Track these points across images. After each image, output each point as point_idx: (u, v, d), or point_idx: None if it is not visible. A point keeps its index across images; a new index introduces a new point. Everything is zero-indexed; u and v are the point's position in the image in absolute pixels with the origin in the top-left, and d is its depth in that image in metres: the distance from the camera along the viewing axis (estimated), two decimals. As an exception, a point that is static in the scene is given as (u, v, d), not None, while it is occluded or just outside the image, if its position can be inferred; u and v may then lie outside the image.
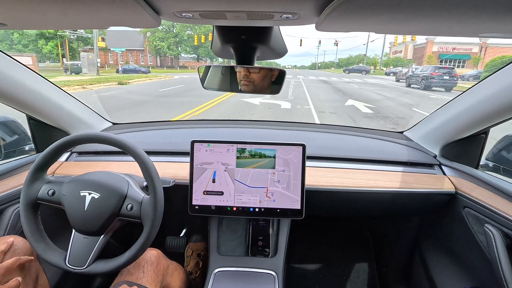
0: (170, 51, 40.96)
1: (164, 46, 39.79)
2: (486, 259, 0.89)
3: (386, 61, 44.08)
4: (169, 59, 46.38)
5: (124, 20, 0.53)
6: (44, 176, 0.81)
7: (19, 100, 0.96)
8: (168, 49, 40.54)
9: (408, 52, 40.94)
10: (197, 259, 1.35)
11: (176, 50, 41.59)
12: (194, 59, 49.65)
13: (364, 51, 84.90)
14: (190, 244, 1.42)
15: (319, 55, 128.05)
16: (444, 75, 13.31)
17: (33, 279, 0.82)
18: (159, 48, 40.05)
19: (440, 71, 13.57)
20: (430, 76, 13.44)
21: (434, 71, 13.55)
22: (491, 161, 1.14)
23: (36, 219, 0.79)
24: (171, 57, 44.31)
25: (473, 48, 32.68)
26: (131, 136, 1.32)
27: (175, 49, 41.50)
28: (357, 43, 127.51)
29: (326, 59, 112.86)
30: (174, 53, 41.48)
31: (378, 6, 0.40)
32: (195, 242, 1.43)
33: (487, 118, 0.91)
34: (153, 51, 41.48)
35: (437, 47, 34.22)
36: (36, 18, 0.51)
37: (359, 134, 1.36)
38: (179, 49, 43.04)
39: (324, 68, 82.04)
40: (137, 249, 0.76)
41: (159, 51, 40.88)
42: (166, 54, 41.92)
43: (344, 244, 1.65)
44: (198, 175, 0.98)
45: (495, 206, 0.87)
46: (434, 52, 34.47)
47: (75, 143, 0.80)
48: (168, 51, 40.95)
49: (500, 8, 0.38)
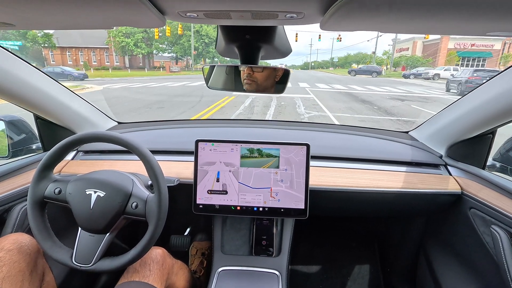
0: (137, 49, 33.76)
1: (130, 43, 32.75)
2: (493, 261, 0.87)
3: (396, 60, 38.14)
4: (139, 59, 38.70)
5: (129, 20, 0.53)
6: (50, 175, 0.83)
7: (27, 100, 0.98)
8: (135, 47, 33.44)
9: (417, 49, 36.72)
10: (202, 258, 1.36)
11: (145, 48, 34.47)
12: (172, 59, 41.53)
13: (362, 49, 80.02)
14: (195, 243, 1.43)
15: (311, 54, 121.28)
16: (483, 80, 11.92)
17: (39, 276, 0.83)
18: (124, 45, 33.03)
19: (479, 74, 12.03)
20: (468, 81, 11.78)
21: (472, 75, 12.00)
22: (499, 162, 1.13)
23: (43, 217, 0.80)
24: (139, 56, 36.80)
25: (495, 45, 28.59)
26: (136, 135, 1.33)
27: (144, 47, 34.25)
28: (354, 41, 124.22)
29: (319, 58, 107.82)
30: (143, 51, 34.50)
31: (384, 5, 0.39)
32: (200, 241, 1.44)
33: (494, 118, 0.89)
34: (119, 49, 34.14)
35: (454, 43, 30.42)
36: (42, 19, 0.52)
37: (364, 134, 1.35)
38: (151, 47, 36.08)
39: (318, 68, 76.63)
40: (142, 247, 0.76)
41: (124, 49, 33.86)
42: (133, 53, 34.81)
43: (348, 244, 1.64)
44: (202, 174, 0.99)
45: (502, 207, 0.86)
46: (450, 49, 30.60)
47: (81, 142, 0.81)
48: (136, 49, 33.67)
49: (508, 7, 0.38)
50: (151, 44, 36.12)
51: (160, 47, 38.47)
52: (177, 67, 32.50)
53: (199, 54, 38.48)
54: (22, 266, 0.76)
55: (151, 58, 40.47)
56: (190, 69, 36.30)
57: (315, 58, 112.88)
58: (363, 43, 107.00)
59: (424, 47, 36.17)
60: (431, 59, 32.53)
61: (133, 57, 38.11)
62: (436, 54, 32.07)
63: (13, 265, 0.74)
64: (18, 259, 0.76)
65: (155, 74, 28.06)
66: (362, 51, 76.39)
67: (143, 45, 34.16)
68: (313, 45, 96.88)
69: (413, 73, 24.59)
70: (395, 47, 41.08)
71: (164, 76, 24.88)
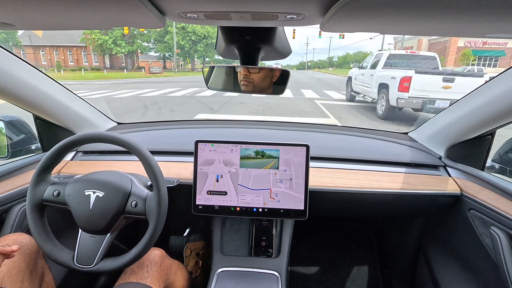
0: (117, 48, 29.47)
1: (108, 41, 28.80)
2: (492, 262, 0.87)
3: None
4: (122, 59, 34.21)
5: (129, 21, 0.53)
6: (48, 178, 0.82)
7: (26, 100, 0.98)
8: (114, 45, 29.35)
9: (422, 48, 33.27)
10: (197, 259, 1.35)
11: (126, 47, 30.03)
12: (159, 58, 36.98)
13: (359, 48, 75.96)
14: (188, 244, 1.42)
15: (307, 53, 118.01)
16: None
17: (39, 276, 0.83)
18: (101, 43, 29.23)
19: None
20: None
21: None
22: (498, 163, 1.13)
23: (43, 220, 0.80)
24: (120, 55, 32.30)
25: (508, 43, 25.15)
26: (135, 136, 1.33)
27: (125, 45, 29.75)
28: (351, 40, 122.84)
29: (315, 58, 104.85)
30: (124, 50, 30.00)
31: (384, 6, 0.39)
32: (193, 242, 1.43)
33: (494, 119, 0.90)
34: (97, 48, 30.17)
35: (464, 41, 26.82)
36: (42, 19, 0.52)
37: (363, 135, 1.35)
38: (133, 45, 31.55)
39: (315, 68, 73.06)
40: (144, 246, 0.76)
41: (102, 47, 29.86)
42: (112, 52, 30.44)
43: (348, 245, 1.64)
44: (202, 175, 0.99)
45: (501, 209, 0.86)
46: (460, 47, 27.42)
47: (79, 143, 0.81)
48: (115, 48, 29.41)
49: (508, 8, 0.38)
50: (133, 42, 31.88)
51: (144, 46, 34.93)
52: (158, 67, 27.05)
53: (185, 53, 34.91)
54: (22, 266, 0.76)
55: (132, 58, 35.68)
56: (175, 70, 30.97)
57: (311, 57, 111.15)
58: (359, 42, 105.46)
59: (430, 46, 33.47)
60: (443, 58, 28.92)
61: (114, 57, 34.04)
62: (443, 53, 29.31)
63: (13, 265, 0.74)
64: (18, 259, 0.76)
65: (134, 76, 23.14)
66: (362, 50, 74.03)
67: (123, 43, 29.87)
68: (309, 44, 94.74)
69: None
70: (398, 46, 37.82)
71: (143, 79, 19.97)
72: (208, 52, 34.06)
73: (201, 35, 32.34)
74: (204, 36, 32.64)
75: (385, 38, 37.75)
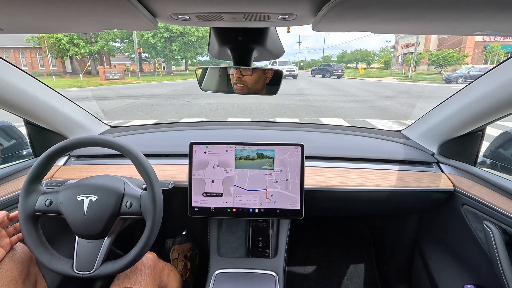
0: (74, 48, 24.06)
1: (63, 40, 23.67)
2: (486, 256, 0.89)
3: (420, 55, 29.46)
4: (87, 62, 28.02)
5: (121, 23, 0.53)
6: (39, 188, 0.80)
7: (16, 105, 0.96)
8: (73, 45, 24.00)
9: (431, 43, 31.10)
10: (185, 261, 1.34)
11: (86, 47, 24.66)
12: (131, 60, 31.13)
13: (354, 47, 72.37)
14: (175, 246, 1.40)
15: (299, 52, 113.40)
16: None
17: (32, 284, 0.82)
18: (54, 42, 24.04)
19: None
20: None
21: None
22: (489, 158, 1.15)
23: (38, 231, 0.78)
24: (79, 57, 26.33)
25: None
26: (129, 139, 1.31)
27: (84, 45, 24.41)
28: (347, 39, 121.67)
29: (307, 58, 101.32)
30: (82, 50, 24.45)
31: (374, 6, 0.40)
32: (180, 244, 1.42)
33: (483, 116, 0.91)
34: (52, 49, 24.92)
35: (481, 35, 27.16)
36: (32, 23, 0.51)
37: (357, 134, 1.36)
38: (94, 45, 25.92)
39: (307, 68, 65.44)
40: (143, 245, 0.75)
41: (58, 48, 24.41)
42: (69, 53, 24.78)
43: (344, 243, 1.65)
44: (197, 177, 0.98)
45: (493, 203, 0.87)
46: (478, 42, 24.92)
47: (70, 148, 0.79)
48: (72, 48, 23.99)
49: (494, 7, 0.39)
50: (95, 41, 26.42)
51: (111, 46, 28.38)
52: (118, 72, 20.99)
53: (158, 54, 28.71)
54: (15, 275, 0.75)
55: (97, 61, 29.61)
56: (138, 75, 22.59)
57: (303, 57, 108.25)
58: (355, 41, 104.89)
59: (440, 41, 30.32)
60: (468, 54, 25.05)
61: (78, 60, 27.75)
62: (456, 47, 26.37)
63: (5, 274, 0.73)
64: (11, 268, 0.74)
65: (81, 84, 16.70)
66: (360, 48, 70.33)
67: (82, 42, 24.32)
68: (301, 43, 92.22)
69: (462, 75, 16.79)
70: (399, 42, 34.96)
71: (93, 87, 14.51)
72: (186, 52, 28.32)
73: (176, 32, 26.67)
74: (180, 33, 26.92)
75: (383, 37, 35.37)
